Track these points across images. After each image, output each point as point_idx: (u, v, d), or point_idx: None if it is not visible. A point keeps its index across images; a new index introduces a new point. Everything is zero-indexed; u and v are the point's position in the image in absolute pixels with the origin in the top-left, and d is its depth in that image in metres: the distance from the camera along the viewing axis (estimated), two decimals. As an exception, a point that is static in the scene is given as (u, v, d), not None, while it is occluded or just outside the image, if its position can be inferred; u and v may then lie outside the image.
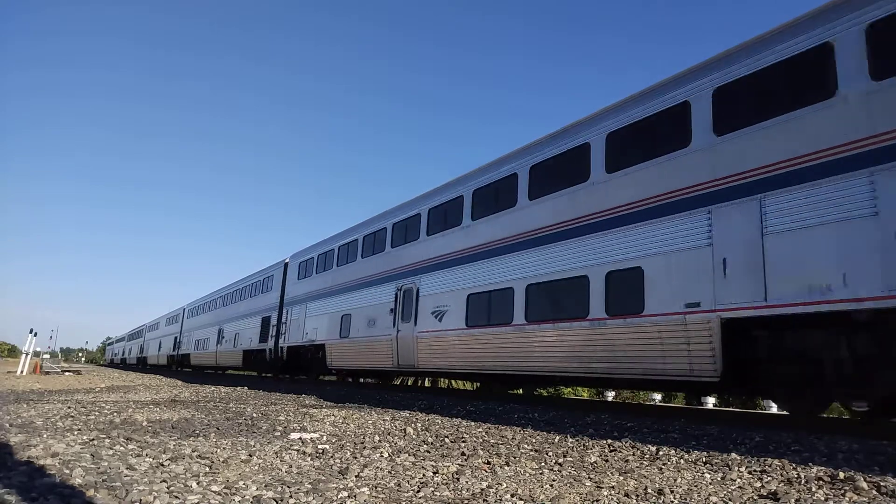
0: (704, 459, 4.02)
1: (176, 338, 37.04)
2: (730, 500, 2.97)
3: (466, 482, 3.29)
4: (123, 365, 58.13)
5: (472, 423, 6.16)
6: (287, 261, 20.29)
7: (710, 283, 6.47)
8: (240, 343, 23.37)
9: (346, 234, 16.16)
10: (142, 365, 49.81)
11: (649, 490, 3.16)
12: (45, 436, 4.34)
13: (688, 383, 7.04)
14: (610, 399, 23.89)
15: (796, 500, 2.92)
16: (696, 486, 3.26)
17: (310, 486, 3.07)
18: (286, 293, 19.43)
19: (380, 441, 4.81)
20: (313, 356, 16.58)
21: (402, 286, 12.64)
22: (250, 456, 3.87)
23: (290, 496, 2.83)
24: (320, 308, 16.58)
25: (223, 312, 27.19)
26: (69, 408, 6.77)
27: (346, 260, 15.81)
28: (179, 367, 35.86)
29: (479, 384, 15.19)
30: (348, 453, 4.16)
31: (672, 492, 3.12)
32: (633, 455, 4.29)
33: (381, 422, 6.17)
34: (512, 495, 3.02)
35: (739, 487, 3.24)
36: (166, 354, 39.22)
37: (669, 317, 6.83)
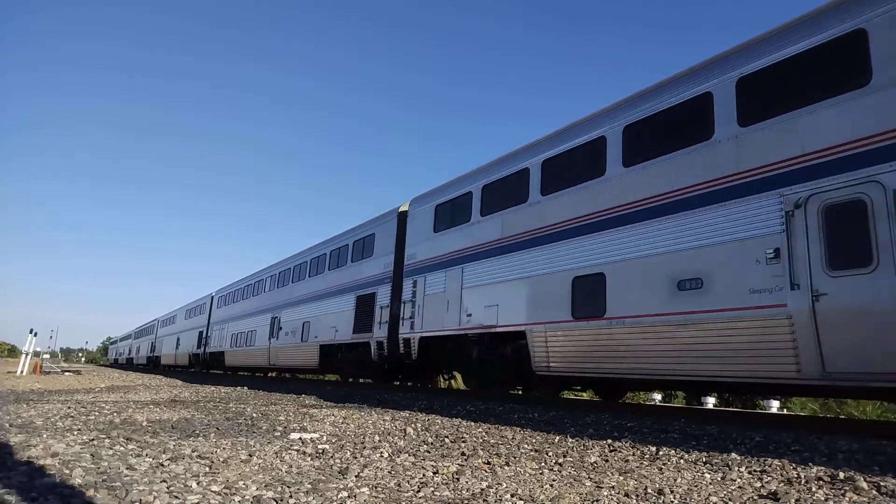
0: (704, 459, 4.02)
1: (202, 332, 30.46)
2: (730, 500, 2.97)
3: (466, 482, 3.29)
4: (130, 366, 54.03)
5: (472, 423, 6.16)
6: (405, 208, 13.57)
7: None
8: (314, 335, 16.77)
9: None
10: (153, 365, 44.71)
11: (649, 490, 3.16)
12: (45, 436, 4.34)
13: None
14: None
15: (796, 500, 2.92)
16: (696, 486, 3.26)
17: (310, 486, 3.07)
18: (409, 255, 12.65)
19: (380, 441, 4.81)
20: (489, 353, 10.03)
21: None
22: (250, 456, 3.87)
23: (290, 496, 2.83)
24: (509, 269, 9.58)
25: (279, 295, 20.57)
26: (69, 408, 6.77)
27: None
28: (206, 368, 29.60)
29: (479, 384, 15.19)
30: (348, 453, 4.16)
31: (672, 492, 3.12)
32: (633, 455, 4.29)
33: (381, 422, 6.17)
34: (512, 495, 3.02)
35: (739, 487, 3.24)
36: (187, 353, 32.79)
37: None
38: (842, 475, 3.33)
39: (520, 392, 10.74)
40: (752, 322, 5.96)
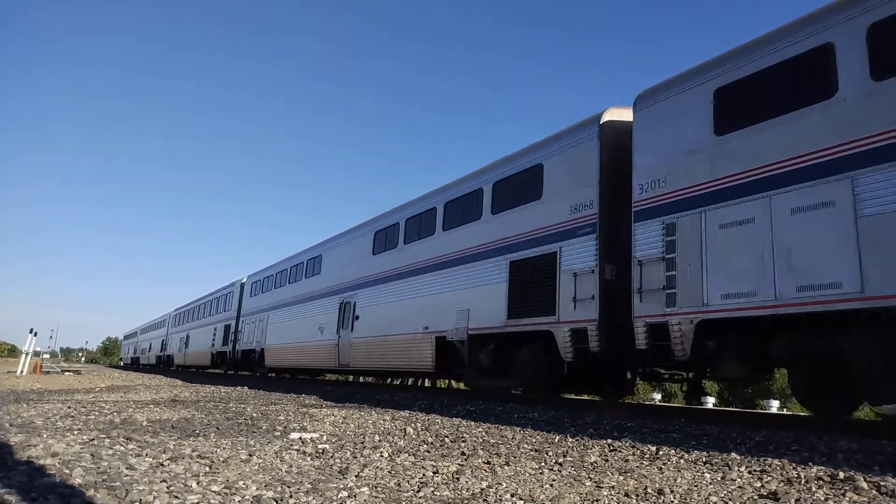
0: (704, 459, 4.02)
1: (228, 326, 25.09)
2: (730, 499, 2.97)
3: (466, 482, 3.29)
4: (133, 366, 49.33)
5: (472, 423, 6.16)
6: (613, 117, 8.74)
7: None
8: (423, 323, 11.54)
9: None
10: (163, 366, 39.62)
11: (649, 490, 3.16)
12: (45, 436, 4.34)
13: None
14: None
15: (796, 500, 2.92)
16: (696, 486, 3.26)
17: (310, 485, 3.07)
18: (651, 183, 7.54)
19: (380, 441, 4.81)
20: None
21: None
22: (250, 456, 3.87)
23: (290, 496, 2.83)
24: None
25: (353, 271, 15.05)
26: (69, 408, 6.77)
27: None
28: (236, 369, 24.13)
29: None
30: (348, 453, 4.16)
31: (672, 491, 3.12)
32: (633, 455, 4.29)
33: (381, 422, 6.17)
34: (512, 495, 3.02)
35: (739, 487, 3.24)
36: (209, 351, 27.46)
37: None
38: (842, 475, 3.33)
39: (520, 393, 10.76)
40: None
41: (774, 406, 15.09)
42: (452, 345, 10.61)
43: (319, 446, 4.38)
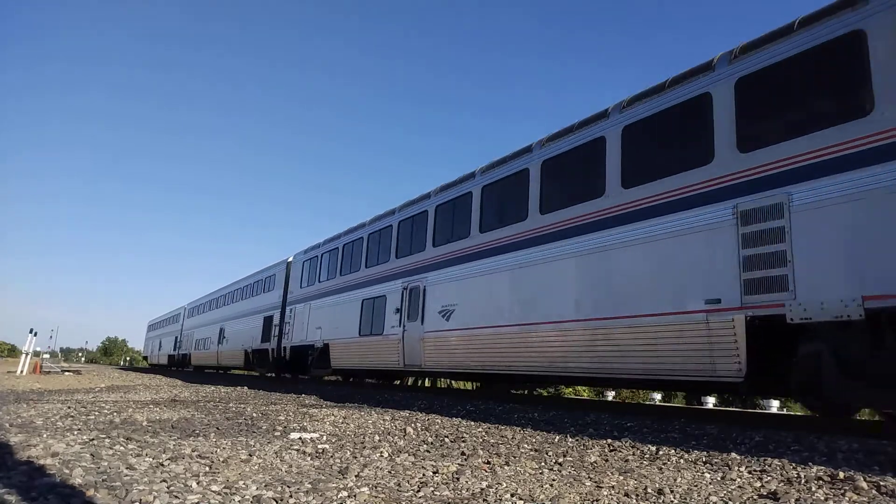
0: (704, 459, 4.02)
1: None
2: (730, 499, 2.97)
3: (466, 482, 3.29)
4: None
5: (472, 423, 6.16)
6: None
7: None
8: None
9: None
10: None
11: (649, 490, 3.16)
12: (44, 435, 4.34)
13: None
14: (610, 399, 23.89)
15: (796, 500, 2.92)
16: (695, 486, 3.26)
17: (310, 485, 3.07)
18: None
19: (380, 441, 4.81)
20: None
21: None
22: (250, 456, 3.87)
23: (290, 496, 2.83)
24: None
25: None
26: (69, 408, 6.77)
27: None
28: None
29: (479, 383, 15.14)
30: (348, 453, 4.16)
31: (672, 491, 3.12)
32: (633, 455, 4.29)
33: (381, 422, 6.17)
34: (512, 495, 3.02)
35: (739, 487, 3.24)
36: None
37: None
38: (842, 475, 3.33)
39: (519, 393, 10.77)
40: None
41: (774, 406, 15.09)
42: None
43: (319, 446, 4.38)
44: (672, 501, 2.95)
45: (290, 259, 19.82)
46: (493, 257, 9.74)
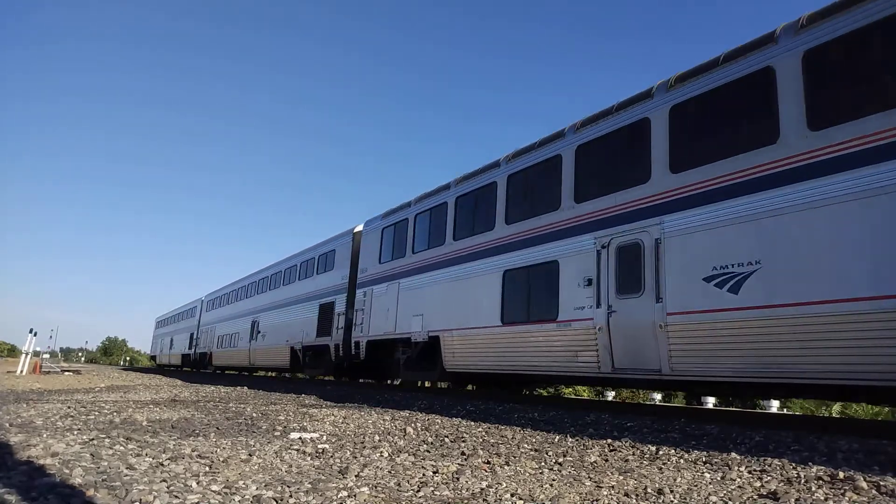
0: (704, 459, 4.02)
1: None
2: (729, 499, 2.97)
3: (466, 482, 3.29)
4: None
5: (472, 423, 6.16)
6: None
7: None
8: None
9: None
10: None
11: (649, 490, 3.16)
12: (44, 435, 4.34)
13: None
14: (610, 399, 23.87)
15: (796, 500, 2.92)
16: (695, 486, 3.26)
17: (310, 485, 3.07)
18: None
19: (380, 441, 4.81)
20: None
21: None
22: (250, 455, 3.87)
23: (290, 496, 2.83)
24: None
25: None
26: (69, 407, 6.77)
27: None
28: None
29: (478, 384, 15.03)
30: (348, 453, 4.16)
31: (672, 491, 3.12)
32: (633, 455, 4.29)
33: (381, 421, 6.17)
34: (512, 495, 3.02)
35: (739, 487, 3.24)
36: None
37: None
38: (842, 475, 3.33)
39: (519, 393, 10.72)
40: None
41: (774, 406, 15.08)
42: None
43: (319, 446, 4.38)
44: (672, 501, 2.95)
45: (359, 228, 15.19)
46: None
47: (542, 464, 3.96)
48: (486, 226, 10.17)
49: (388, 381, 14.89)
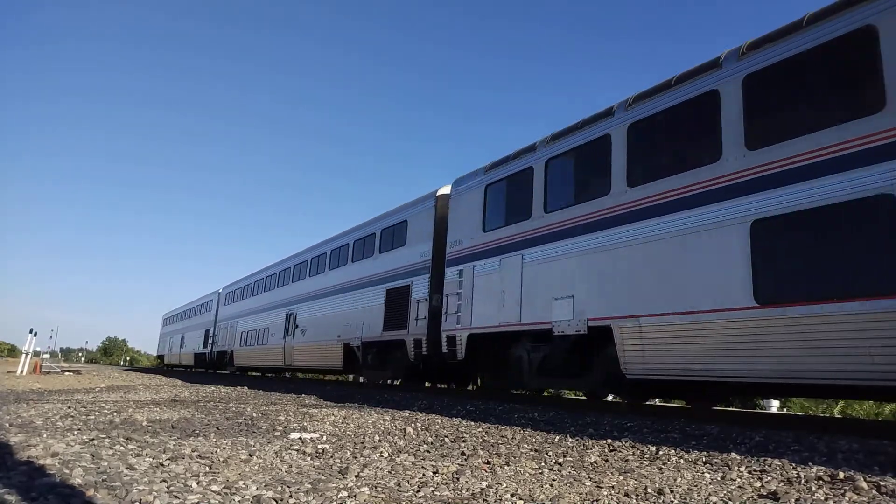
0: (704, 459, 4.02)
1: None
2: (729, 499, 2.97)
3: (466, 482, 3.29)
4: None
5: (472, 423, 6.16)
6: None
7: None
8: None
9: None
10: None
11: (649, 490, 3.16)
12: (44, 435, 4.34)
13: None
14: (610, 399, 23.80)
15: (796, 500, 2.92)
16: (695, 486, 3.26)
17: (310, 485, 3.07)
18: None
19: (380, 441, 4.81)
20: None
21: None
22: (250, 456, 3.87)
23: (290, 496, 2.83)
24: None
25: None
26: (69, 408, 6.77)
27: None
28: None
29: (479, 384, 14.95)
30: (348, 453, 4.16)
31: (672, 491, 3.12)
32: (633, 455, 4.30)
33: (381, 422, 6.18)
34: (512, 495, 3.02)
35: (739, 487, 3.24)
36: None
37: None
38: (842, 475, 3.33)
39: (520, 393, 10.66)
40: None
41: (774, 406, 15.07)
42: None
43: (319, 446, 4.38)
44: (672, 501, 2.95)
45: (444, 190, 12.06)
46: None
47: (543, 464, 3.96)
48: (703, 157, 6.76)
49: (511, 390, 10.42)
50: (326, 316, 16.15)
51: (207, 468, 3.42)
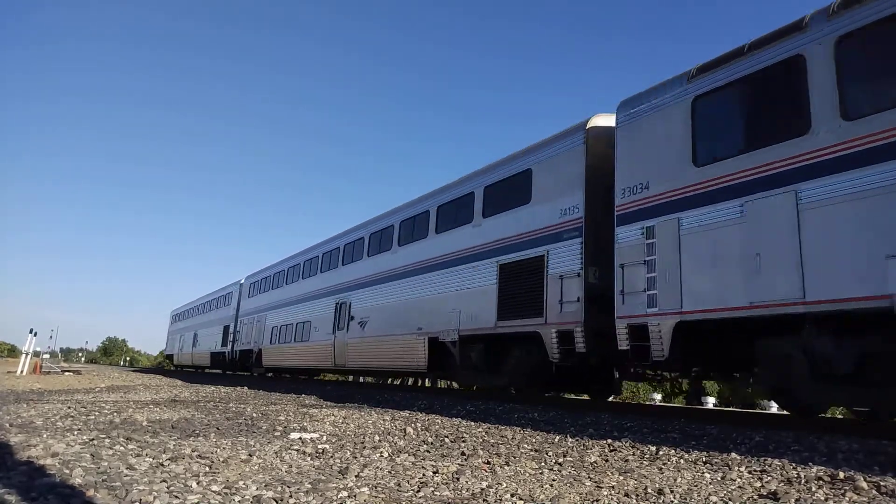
0: (704, 459, 4.02)
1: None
2: (730, 499, 2.97)
3: (466, 482, 3.29)
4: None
5: (472, 423, 6.16)
6: None
7: None
8: None
9: None
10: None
11: (649, 490, 3.16)
12: (44, 436, 4.34)
13: None
14: (610, 399, 23.81)
15: (796, 500, 2.92)
16: (695, 486, 3.26)
17: (310, 485, 3.07)
18: None
19: (380, 441, 4.81)
20: None
21: None
22: (250, 456, 3.87)
23: (290, 496, 2.83)
24: None
25: None
26: (69, 408, 6.77)
27: None
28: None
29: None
30: (348, 453, 4.16)
31: (672, 491, 3.12)
32: (633, 455, 4.30)
33: (381, 422, 6.18)
34: (512, 495, 3.02)
35: (739, 487, 3.24)
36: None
37: None
38: (842, 475, 3.33)
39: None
40: None
41: (774, 406, 15.08)
42: None
43: (319, 446, 4.38)
44: (672, 501, 2.95)
45: (600, 121, 9.07)
46: None
47: (543, 464, 3.96)
48: None
49: (789, 409, 7.05)
50: (398, 304, 12.78)
51: (207, 468, 3.42)
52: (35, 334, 23.61)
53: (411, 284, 12.46)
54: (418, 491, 3.06)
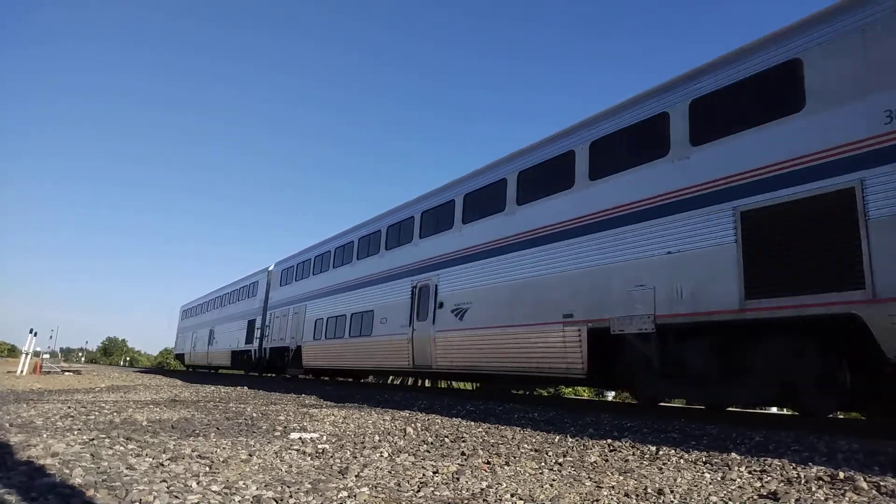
0: (704, 459, 4.02)
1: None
2: (730, 499, 2.97)
3: (466, 482, 3.29)
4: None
5: (472, 423, 6.16)
6: None
7: None
8: None
9: None
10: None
11: (649, 490, 3.16)
12: (44, 435, 4.34)
13: None
14: (610, 399, 23.88)
15: (796, 500, 2.92)
16: (695, 486, 3.26)
17: (310, 485, 3.07)
18: None
19: (380, 441, 4.81)
20: None
21: None
22: (250, 456, 3.87)
23: (290, 496, 2.83)
24: None
25: None
26: (69, 408, 6.77)
27: None
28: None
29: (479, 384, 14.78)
30: (348, 453, 4.16)
31: (672, 491, 3.12)
32: (633, 455, 4.30)
33: (381, 422, 6.18)
34: (512, 495, 3.02)
35: (739, 487, 3.24)
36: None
37: None
38: (842, 475, 3.33)
39: (520, 393, 10.60)
40: None
41: (774, 406, 15.07)
42: None
43: (319, 446, 4.38)
44: (672, 501, 2.95)
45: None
46: None
47: (543, 464, 3.96)
48: None
49: None
50: (523, 283, 9.26)
51: (207, 468, 3.42)
52: (35, 334, 23.60)
53: (549, 255, 8.83)
54: (418, 491, 3.06)
